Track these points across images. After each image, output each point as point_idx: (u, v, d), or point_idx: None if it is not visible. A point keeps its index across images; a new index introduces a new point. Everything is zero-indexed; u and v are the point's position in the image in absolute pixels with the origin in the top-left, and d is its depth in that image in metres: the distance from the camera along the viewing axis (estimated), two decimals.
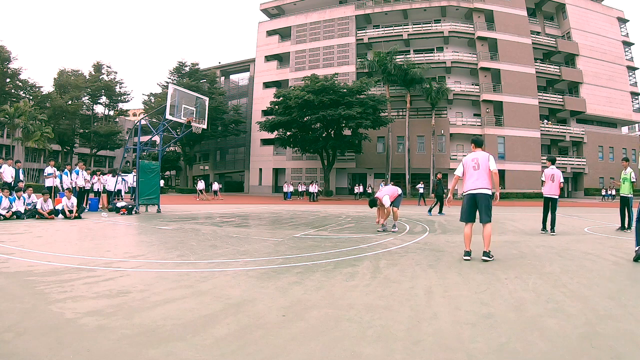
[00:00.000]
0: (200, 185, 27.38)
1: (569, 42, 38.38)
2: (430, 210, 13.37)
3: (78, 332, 2.35)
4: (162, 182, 41.60)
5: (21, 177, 11.42)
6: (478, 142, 5.37)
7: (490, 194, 5.00)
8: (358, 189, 31.89)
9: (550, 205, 7.95)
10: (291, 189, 30.25)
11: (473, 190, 5.02)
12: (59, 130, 40.65)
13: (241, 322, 2.57)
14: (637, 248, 4.82)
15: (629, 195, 8.30)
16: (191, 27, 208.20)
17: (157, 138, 16.66)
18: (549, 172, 8.00)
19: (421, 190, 22.80)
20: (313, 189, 28.19)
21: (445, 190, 13.55)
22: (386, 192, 7.91)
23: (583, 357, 2.09)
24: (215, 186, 29.15)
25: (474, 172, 5.06)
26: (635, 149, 38.76)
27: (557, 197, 7.97)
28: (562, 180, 8.00)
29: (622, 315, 2.78)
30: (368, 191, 32.70)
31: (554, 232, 7.77)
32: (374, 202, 7.97)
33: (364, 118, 28.51)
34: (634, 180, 8.21)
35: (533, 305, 3.02)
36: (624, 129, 43.22)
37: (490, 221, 4.95)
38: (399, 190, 8.20)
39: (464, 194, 5.16)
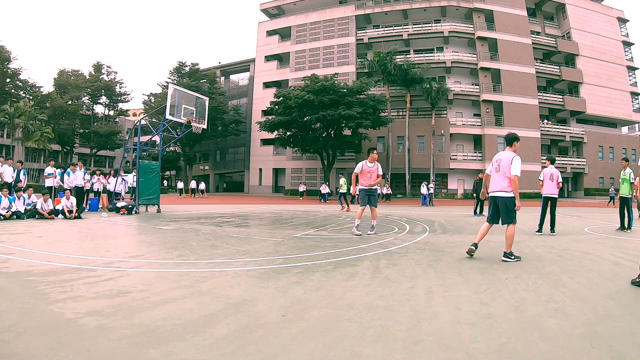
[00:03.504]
0: (180, 184, 33.14)
1: (569, 42, 38.37)
2: (475, 212, 13.27)
3: (78, 332, 2.35)
4: (165, 183, 42.59)
5: (21, 177, 11.41)
6: (507, 139, 5.16)
7: (510, 197, 4.86)
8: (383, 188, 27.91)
9: (550, 204, 7.95)
10: (328, 190, 27.66)
11: (493, 192, 5.02)
12: (59, 130, 40.64)
13: (241, 322, 2.57)
14: None
15: (629, 196, 8.30)
16: (191, 27, 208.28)
17: (157, 138, 16.66)
18: (548, 172, 8.01)
19: (431, 191, 22.46)
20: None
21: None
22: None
23: (583, 357, 2.09)
24: (202, 185, 32.21)
25: (495, 173, 5.04)
26: (636, 149, 38.76)
27: (556, 196, 7.98)
28: (560, 180, 8.00)
29: (622, 315, 2.78)
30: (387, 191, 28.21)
31: (553, 232, 7.77)
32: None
33: (364, 118, 28.48)
34: (633, 180, 8.20)
35: (533, 305, 3.02)
36: (624, 129, 43.23)
37: (511, 222, 4.86)
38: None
39: (488, 195, 5.16)
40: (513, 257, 4.80)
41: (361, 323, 2.58)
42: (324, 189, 27.40)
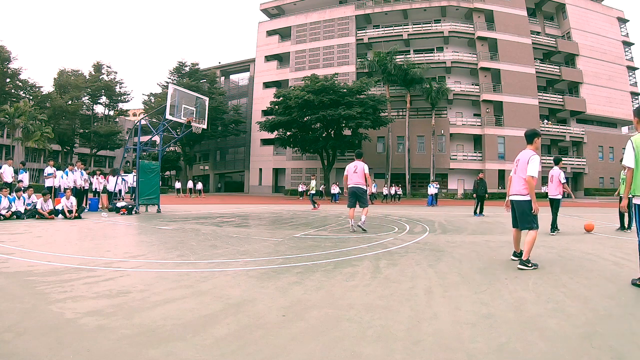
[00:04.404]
0: (178, 184, 35.04)
1: (569, 42, 38.36)
2: (475, 212, 13.26)
3: (78, 332, 2.35)
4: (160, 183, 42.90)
5: (20, 177, 11.40)
6: (526, 137, 4.71)
7: (525, 200, 4.51)
8: (392, 188, 28.21)
9: (552, 205, 7.97)
10: (337, 189, 26.70)
11: (510, 195, 4.73)
12: (59, 130, 40.62)
13: (241, 322, 2.57)
14: None
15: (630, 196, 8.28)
16: (191, 27, 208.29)
17: (157, 138, 16.66)
18: (550, 173, 8.04)
19: (435, 191, 22.43)
20: (391, 190, 27.35)
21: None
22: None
23: (583, 357, 2.09)
24: (200, 185, 33.43)
25: (514, 175, 4.74)
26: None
27: (557, 197, 7.96)
28: (562, 180, 7.95)
29: (622, 315, 2.78)
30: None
31: (553, 232, 7.78)
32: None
33: (364, 118, 28.48)
34: None
35: (533, 305, 3.02)
36: (624, 129, 43.16)
37: (529, 228, 4.46)
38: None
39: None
40: (530, 265, 4.36)
41: (361, 323, 2.58)
42: (334, 189, 26.96)
